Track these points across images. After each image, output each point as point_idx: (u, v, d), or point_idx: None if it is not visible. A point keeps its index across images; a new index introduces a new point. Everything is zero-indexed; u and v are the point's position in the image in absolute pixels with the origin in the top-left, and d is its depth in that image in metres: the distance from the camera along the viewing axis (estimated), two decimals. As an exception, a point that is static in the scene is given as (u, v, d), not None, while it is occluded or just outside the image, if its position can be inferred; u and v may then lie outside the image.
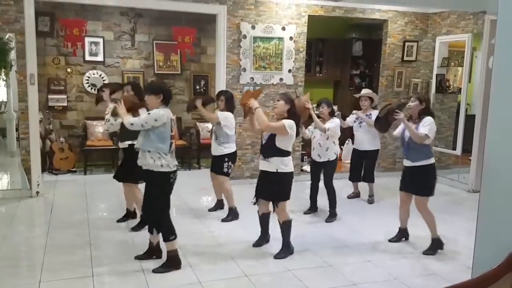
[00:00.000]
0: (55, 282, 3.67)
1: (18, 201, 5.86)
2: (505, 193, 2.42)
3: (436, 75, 7.71)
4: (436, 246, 4.51)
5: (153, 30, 8.21)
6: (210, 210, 5.67)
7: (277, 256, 4.28)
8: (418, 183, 4.43)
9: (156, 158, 3.74)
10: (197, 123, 8.31)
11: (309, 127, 5.51)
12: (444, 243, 4.54)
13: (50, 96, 7.68)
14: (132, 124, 3.79)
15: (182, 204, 5.82)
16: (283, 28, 7.00)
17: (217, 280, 3.80)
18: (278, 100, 4.24)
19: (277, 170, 4.16)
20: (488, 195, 2.53)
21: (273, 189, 4.24)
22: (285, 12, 6.97)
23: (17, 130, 7.27)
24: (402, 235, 4.81)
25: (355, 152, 6.33)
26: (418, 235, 4.79)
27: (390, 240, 4.80)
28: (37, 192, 6.09)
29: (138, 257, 4.11)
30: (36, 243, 4.55)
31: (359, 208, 6.00)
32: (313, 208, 5.67)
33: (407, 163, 4.48)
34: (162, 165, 3.74)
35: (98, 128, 7.80)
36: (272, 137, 4.17)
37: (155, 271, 3.86)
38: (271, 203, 4.34)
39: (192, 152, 8.17)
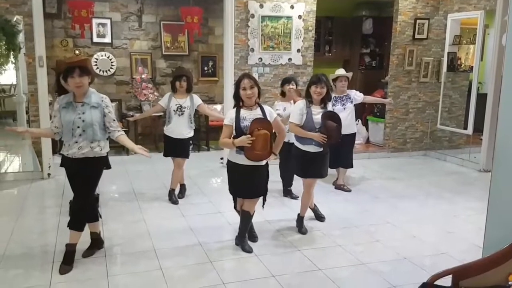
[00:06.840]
0: (68, 262, 3.71)
1: (30, 183, 5.93)
2: (517, 173, 2.39)
3: (448, 53, 7.58)
4: (301, 223, 4.48)
5: (160, 11, 8.14)
6: (180, 197, 5.34)
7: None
8: (325, 167, 4.48)
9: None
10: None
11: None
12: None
13: (59, 79, 7.68)
14: None
15: (192, 185, 5.84)
16: (292, 7, 6.89)
17: (228, 260, 3.84)
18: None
19: None
20: (500, 175, 2.50)
21: None
22: (293, -10, 6.87)
23: (27, 112, 7.31)
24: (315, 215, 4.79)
25: None
26: (427, 217, 4.78)
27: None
28: (49, 174, 6.16)
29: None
30: (48, 225, 4.61)
31: (370, 189, 5.98)
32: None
33: (315, 149, 4.24)
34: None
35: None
36: None
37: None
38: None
39: (201, 134, 8.18)
